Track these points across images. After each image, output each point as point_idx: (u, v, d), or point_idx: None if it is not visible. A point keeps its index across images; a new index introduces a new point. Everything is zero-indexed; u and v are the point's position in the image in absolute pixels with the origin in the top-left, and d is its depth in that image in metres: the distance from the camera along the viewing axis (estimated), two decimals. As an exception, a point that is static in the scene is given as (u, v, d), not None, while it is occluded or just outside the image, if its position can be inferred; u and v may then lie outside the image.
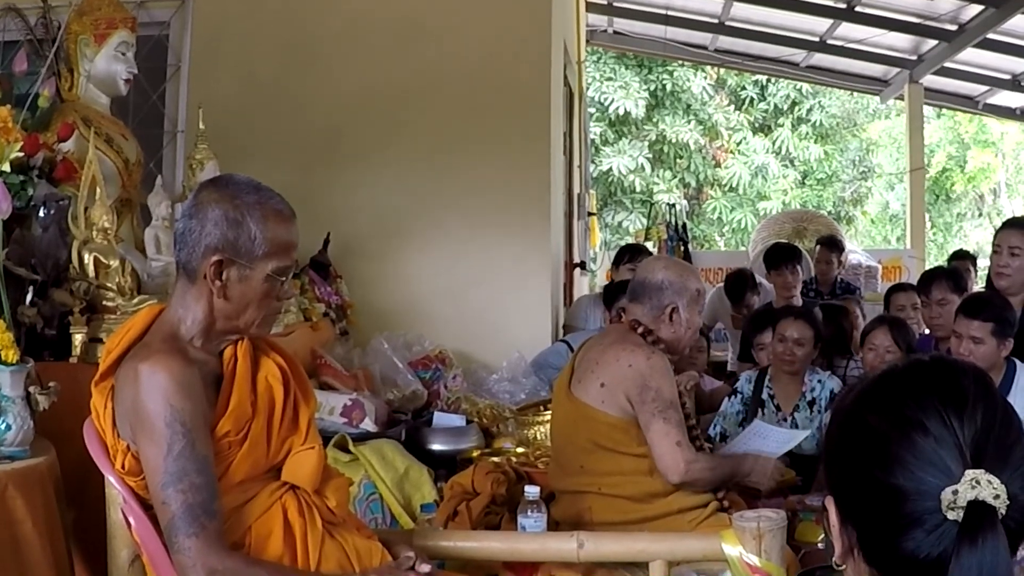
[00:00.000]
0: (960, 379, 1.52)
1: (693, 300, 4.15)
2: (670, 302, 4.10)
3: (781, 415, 5.55)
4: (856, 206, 23.97)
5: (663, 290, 4.11)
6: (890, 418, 1.50)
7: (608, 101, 21.24)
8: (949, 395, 1.49)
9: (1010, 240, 5.21)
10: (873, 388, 1.59)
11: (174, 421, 2.53)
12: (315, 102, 6.96)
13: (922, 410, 1.47)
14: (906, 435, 1.46)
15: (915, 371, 1.57)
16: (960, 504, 1.38)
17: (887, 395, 1.55)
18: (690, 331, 4.16)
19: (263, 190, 2.79)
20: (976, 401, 1.48)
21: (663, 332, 4.10)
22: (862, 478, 1.51)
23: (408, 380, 5.70)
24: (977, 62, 13.37)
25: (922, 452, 1.44)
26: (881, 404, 1.54)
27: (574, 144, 9.62)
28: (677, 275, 4.17)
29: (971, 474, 1.40)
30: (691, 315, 4.14)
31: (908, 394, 1.52)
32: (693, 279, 4.21)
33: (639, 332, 4.09)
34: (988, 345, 4.65)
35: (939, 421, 1.46)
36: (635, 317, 4.15)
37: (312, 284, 6.23)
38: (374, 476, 4.42)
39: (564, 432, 4.15)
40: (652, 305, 4.12)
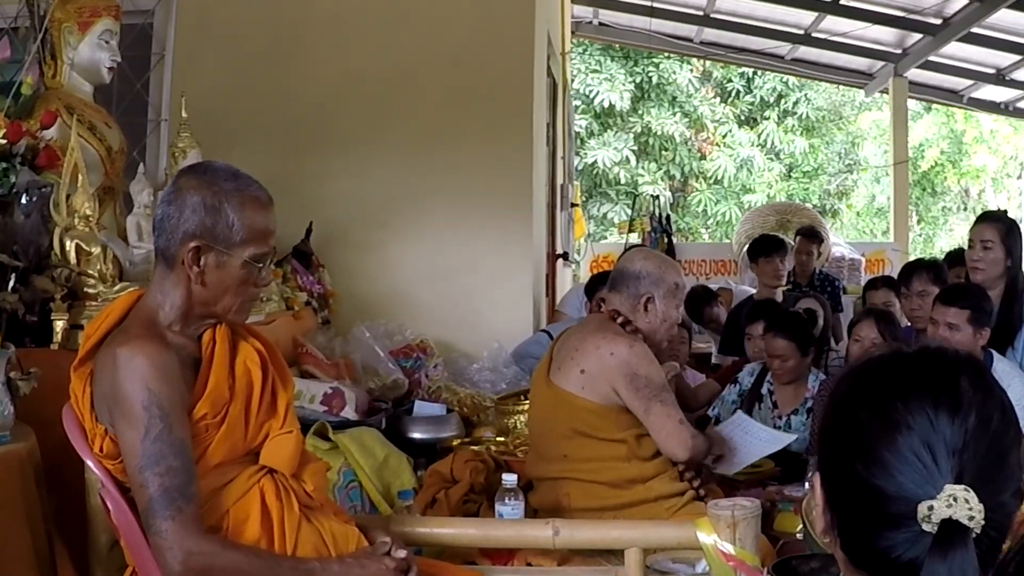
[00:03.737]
0: (957, 378, 1.49)
1: (670, 293, 4.16)
2: (646, 292, 4.12)
3: (777, 413, 5.56)
4: (842, 199, 24.03)
5: (640, 280, 4.14)
6: (878, 415, 1.48)
7: (593, 93, 21.27)
8: (942, 394, 1.46)
9: (983, 234, 5.25)
10: (868, 378, 1.56)
11: (152, 405, 2.55)
12: (299, 91, 6.98)
13: (910, 410, 1.45)
14: (891, 435, 1.44)
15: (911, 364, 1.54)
16: (934, 520, 1.37)
17: (879, 388, 1.52)
18: (666, 323, 4.18)
19: (241, 177, 2.81)
20: (971, 404, 1.45)
21: (640, 322, 4.12)
22: (845, 471, 1.49)
23: (389, 369, 5.72)
24: (961, 56, 13.43)
25: (905, 456, 1.42)
26: (871, 398, 1.51)
27: (557, 135, 9.63)
28: (655, 266, 4.20)
29: (949, 490, 1.38)
30: (667, 307, 4.16)
31: (899, 390, 1.49)
32: (672, 272, 4.23)
33: (618, 322, 4.12)
34: (964, 333, 4.69)
35: (926, 423, 1.43)
36: (614, 307, 4.18)
37: (294, 273, 6.24)
38: (353, 464, 4.44)
39: (543, 420, 4.17)
40: (629, 294, 4.15)
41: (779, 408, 5.58)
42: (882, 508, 1.43)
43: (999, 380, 4.10)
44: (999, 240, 5.19)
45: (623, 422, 3.97)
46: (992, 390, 1.50)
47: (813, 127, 23.14)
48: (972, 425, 1.43)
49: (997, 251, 5.19)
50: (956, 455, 1.41)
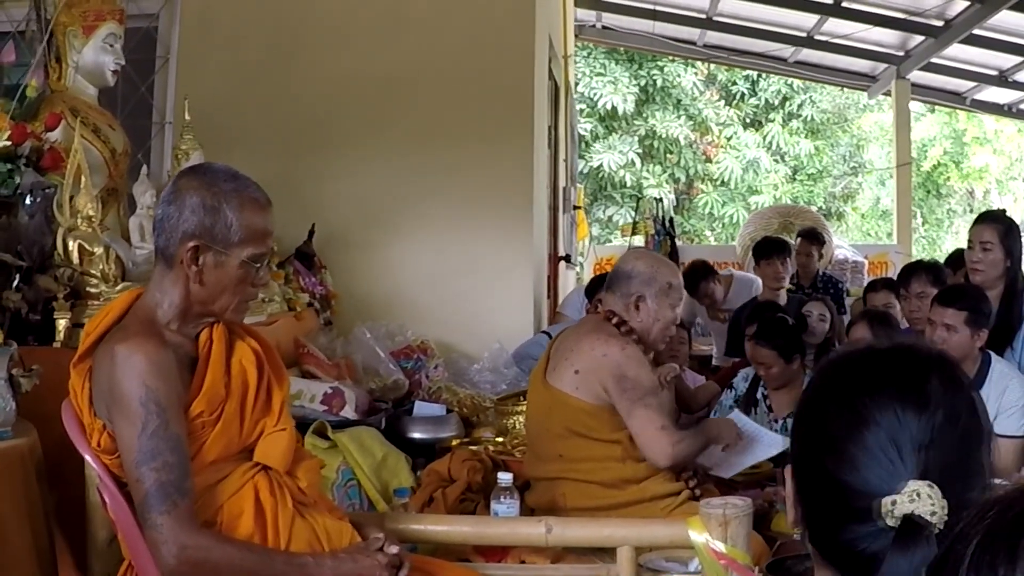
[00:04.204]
0: (927, 374, 1.50)
1: (662, 292, 4.16)
2: (636, 291, 4.14)
3: (772, 417, 5.57)
4: (847, 202, 24.02)
5: (631, 279, 4.17)
6: (845, 410, 1.49)
7: (598, 96, 21.29)
8: (910, 391, 1.48)
9: (981, 235, 5.25)
10: (838, 373, 1.58)
11: (148, 401, 2.60)
12: (301, 93, 7.03)
13: (877, 406, 1.47)
14: (858, 431, 1.46)
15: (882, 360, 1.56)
16: (896, 515, 1.39)
17: (848, 383, 1.54)
18: (659, 323, 4.18)
19: (240, 178, 2.85)
20: (938, 401, 1.47)
21: (632, 322, 4.15)
22: (814, 465, 1.52)
23: (390, 370, 5.76)
24: (964, 58, 13.44)
25: (870, 451, 1.44)
26: (840, 393, 1.53)
27: (560, 138, 9.65)
28: (647, 266, 4.22)
29: (913, 485, 1.39)
30: (660, 307, 4.16)
31: (868, 386, 1.50)
32: (665, 272, 4.24)
33: (613, 323, 4.15)
34: (961, 334, 4.70)
35: (893, 419, 1.45)
36: (609, 307, 4.21)
37: (297, 274, 6.29)
38: (352, 462, 4.49)
39: (539, 420, 4.20)
40: (622, 294, 4.17)
41: (774, 412, 5.60)
42: (847, 502, 1.45)
43: (997, 381, 4.15)
44: (998, 241, 5.19)
45: (617, 423, 3.99)
46: (962, 388, 1.52)
47: (818, 129, 23.13)
48: (939, 422, 1.45)
49: (996, 252, 5.19)
50: (921, 451, 1.43)
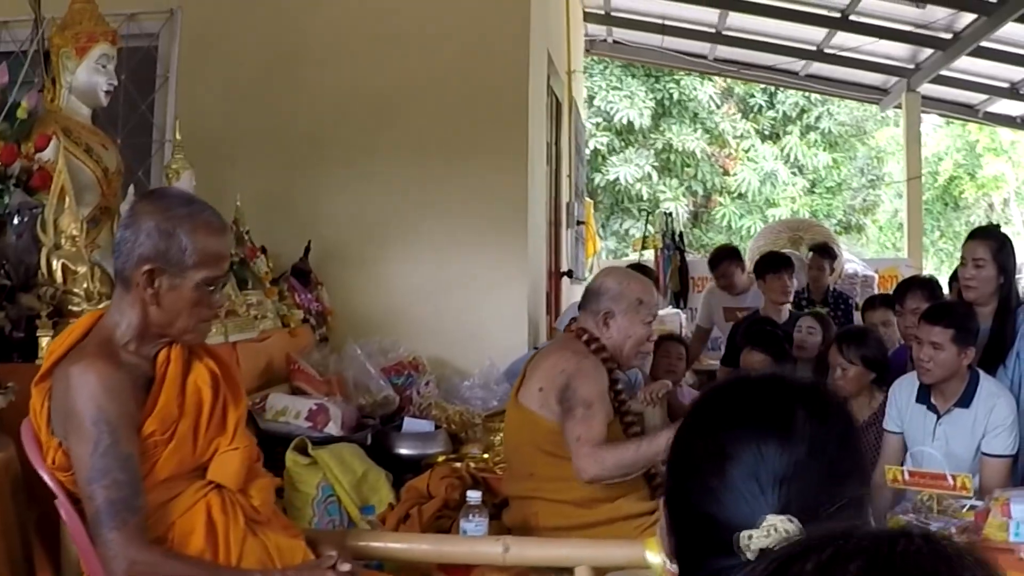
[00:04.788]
0: (793, 406, 1.51)
1: (632, 308, 4.17)
2: (606, 308, 4.16)
3: None
4: (866, 214, 23.95)
5: (601, 296, 4.19)
6: (710, 444, 1.51)
7: (614, 110, 21.30)
8: (773, 424, 1.49)
9: (975, 252, 5.22)
10: (707, 406, 1.61)
11: (100, 420, 2.66)
12: (298, 111, 7.09)
13: (739, 440, 1.48)
14: (720, 465, 1.47)
15: (749, 392, 1.58)
16: (753, 548, 1.40)
17: (714, 417, 1.56)
18: (631, 339, 4.19)
19: (195, 203, 2.91)
20: (802, 434, 1.48)
21: (603, 338, 4.16)
22: (682, 498, 1.54)
23: (380, 386, 5.79)
24: (974, 70, 13.40)
25: (732, 485, 1.46)
26: (707, 427, 1.55)
27: (563, 154, 9.65)
28: (616, 282, 4.23)
29: (771, 520, 1.41)
30: (630, 323, 4.17)
31: (732, 420, 1.52)
32: (635, 288, 4.24)
33: (583, 340, 4.17)
34: (948, 352, 4.70)
35: (753, 453, 1.46)
36: (581, 324, 4.24)
37: (292, 291, 6.33)
38: (332, 479, 4.51)
39: (512, 438, 4.24)
40: (592, 311, 4.20)
41: None
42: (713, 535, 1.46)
43: (985, 400, 4.16)
44: (991, 257, 5.17)
45: None
46: (830, 419, 1.53)
47: (836, 142, 23.08)
48: (801, 456, 1.46)
49: (989, 268, 5.17)
50: (782, 485, 1.44)
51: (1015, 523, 3.67)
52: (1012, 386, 5.04)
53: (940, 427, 4.80)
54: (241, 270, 5.72)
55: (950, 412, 4.78)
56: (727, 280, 8.33)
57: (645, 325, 4.23)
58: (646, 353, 4.44)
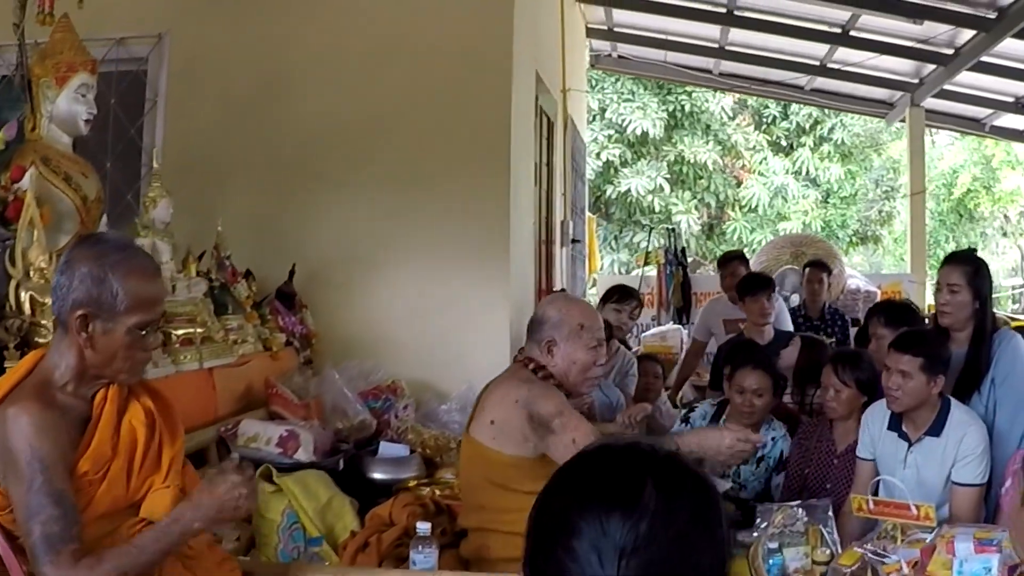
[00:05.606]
0: (642, 479, 1.53)
1: (574, 335, 4.16)
2: (547, 336, 4.16)
3: None
4: (883, 225, 23.89)
5: (542, 325, 4.19)
6: (559, 515, 1.54)
7: (626, 122, 21.34)
8: (618, 497, 1.51)
9: (949, 277, 5.20)
10: (563, 475, 1.63)
11: (33, 460, 2.73)
12: (284, 135, 7.16)
13: (583, 512, 1.51)
14: (567, 537, 1.50)
15: (599, 463, 1.61)
16: None
17: (566, 487, 1.59)
18: (575, 365, 4.17)
19: (129, 249, 2.98)
20: (646, 508, 1.50)
21: (550, 367, 4.16)
22: (536, 565, 1.57)
23: (357, 410, 5.82)
24: (979, 85, 13.37)
25: (577, 558, 1.48)
26: (558, 497, 1.58)
27: (555, 172, 9.67)
28: (557, 310, 4.23)
29: None
30: (573, 349, 4.15)
31: (579, 491, 1.55)
32: (576, 314, 4.23)
33: (530, 368, 4.18)
34: (917, 380, 4.68)
35: (596, 527, 1.49)
36: (528, 354, 4.24)
37: (275, 314, 6.38)
38: (296, 506, 4.56)
39: (464, 470, 4.25)
40: (535, 340, 4.20)
41: None
42: None
43: (955, 428, 4.15)
44: (966, 283, 5.14)
45: (539, 472, 3.93)
46: (683, 492, 1.55)
47: (850, 153, 23.04)
48: (644, 529, 1.48)
49: (964, 294, 5.14)
50: (624, 558, 1.47)
51: (959, 561, 3.66)
52: (987, 413, 5.02)
53: (911, 455, 4.79)
54: (221, 295, 5.77)
55: (921, 440, 4.76)
56: (736, 278, 8.37)
57: (590, 350, 4.20)
58: (595, 378, 4.40)
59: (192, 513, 2.87)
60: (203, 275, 5.70)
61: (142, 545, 2.82)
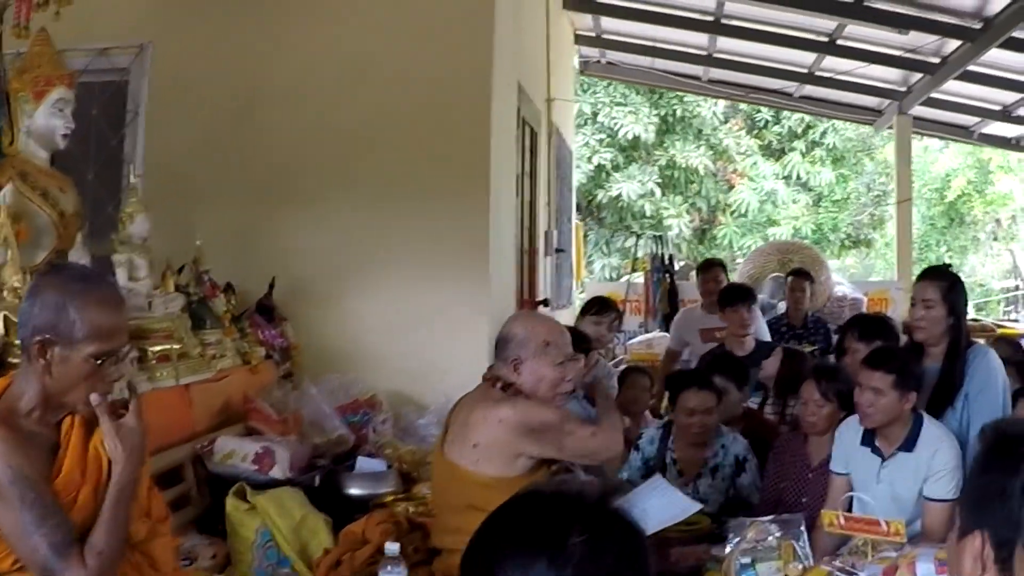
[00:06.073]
0: (568, 526, 1.55)
1: (540, 351, 4.19)
2: (513, 355, 4.20)
3: (683, 480, 5.57)
4: (875, 229, 23.90)
5: (508, 343, 4.23)
6: (487, 562, 1.56)
7: (618, 126, 21.32)
8: (543, 544, 1.53)
9: (924, 293, 5.21)
10: (490, 524, 1.65)
11: (16, 479, 2.77)
12: (265, 148, 7.15)
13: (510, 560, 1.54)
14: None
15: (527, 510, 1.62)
16: None
17: (492, 536, 1.61)
18: (544, 382, 4.20)
19: (91, 279, 3.00)
20: (573, 554, 1.52)
21: (519, 384, 4.19)
22: None
23: (334, 425, 5.82)
24: (966, 93, 13.41)
25: None
26: (484, 546, 1.60)
27: (539, 182, 9.66)
28: (521, 328, 4.27)
29: None
30: (539, 365, 4.18)
31: (505, 539, 1.57)
32: (541, 331, 4.26)
33: (498, 387, 4.21)
34: (888, 397, 4.70)
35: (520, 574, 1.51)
36: (496, 372, 4.28)
37: (254, 328, 6.38)
38: (270, 524, 4.57)
39: (440, 491, 4.27)
40: (502, 358, 4.24)
41: (685, 474, 5.63)
42: None
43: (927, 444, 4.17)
44: (940, 298, 5.15)
45: None
46: (610, 538, 1.57)
47: (842, 157, 23.05)
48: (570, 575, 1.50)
49: (938, 309, 5.15)
50: None
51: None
52: (960, 428, 5.04)
53: (884, 470, 4.81)
54: (199, 309, 5.77)
55: (894, 456, 4.79)
56: (717, 285, 8.41)
57: (556, 366, 4.22)
58: (564, 393, 4.43)
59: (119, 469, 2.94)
60: (182, 290, 5.70)
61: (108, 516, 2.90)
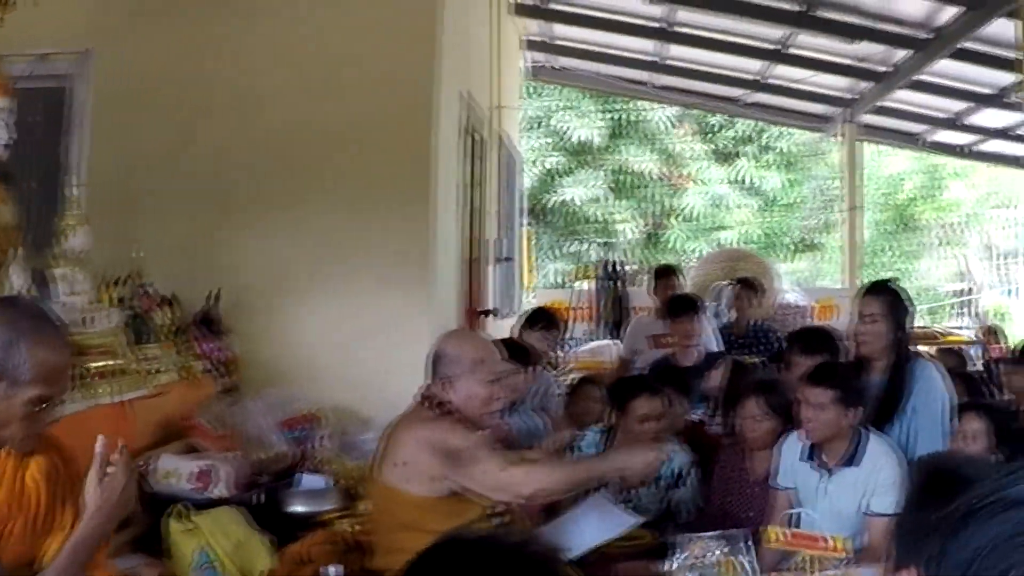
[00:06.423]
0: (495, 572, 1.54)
1: (471, 370, 4.21)
2: (445, 373, 4.21)
3: (623, 487, 5.57)
4: (825, 233, 23.99)
5: (440, 361, 4.25)
6: None
7: (568, 130, 21.29)
8: None
9: (868, 307, 5.24)
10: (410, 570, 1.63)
11: None
12: (209, 157, 7.05)
13: None
14: None
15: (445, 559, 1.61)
16: None
17: None
18: (474, 400, 4.22)
19: (42, 318, 2.93)
20: None
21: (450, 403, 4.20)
22: None
23: (274, 441, 5.76)
24: (916, 102, 13.51)
25: None
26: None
27: (485, 191, 9.60)
28: (452, 347, 4.29)
29: None
30: (471, 384, 4.20)
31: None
32: (471, 350, 4.29)
33: (429, 405, 4.21)
34: (831, 412, 4.73)
35: None
36: (429, 391, 4.28)
37: (195, 340, 6.30)
38: (210, 546, 4.52)
39: (375, 511, 4.27)
40: (436, 377, 4.25)
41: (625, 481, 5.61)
42: None
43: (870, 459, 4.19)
44: (884, 313, 5.20)
45: (451, 510, 4.00)
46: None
47: (792, 162, 23.11)
48: None
49: (882, 324, 5.19)
50: None
51: (857, 600, 3.70)
52: (904, 441, 5.07)
53: (827, 485, 4.83)
54: (139, 324, 5.69)
55: (837, 471, 4.80)
56: (675, 291, 8.50)
57: (487, 384, 4.24)
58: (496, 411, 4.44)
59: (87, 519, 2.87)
60: (121, 303, 5.61)
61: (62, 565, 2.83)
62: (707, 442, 6.25)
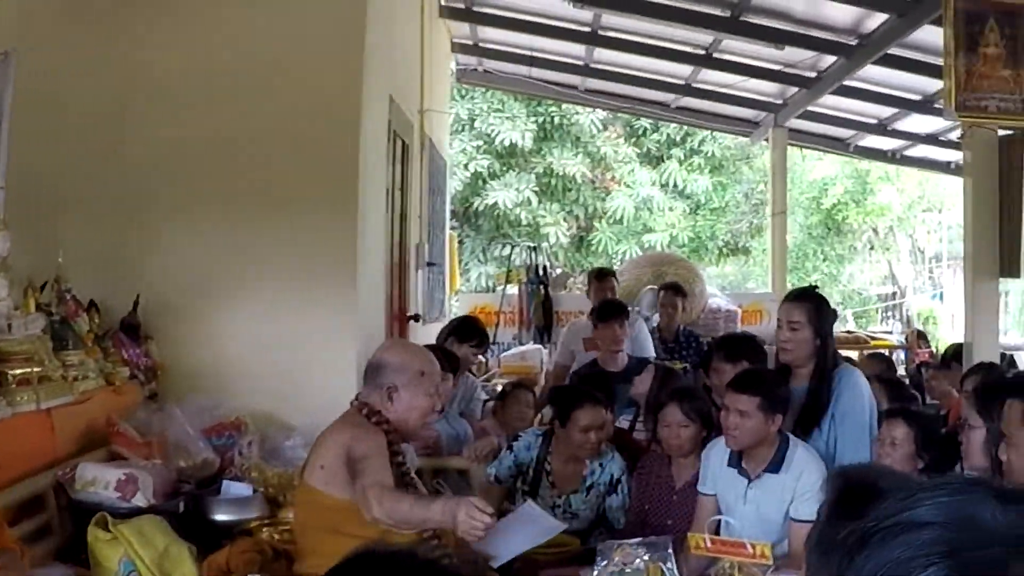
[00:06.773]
0: None
1: (414, 381, 4.23)
2: (388, 382, 4.21)
3: (556, 492, 5.61)
4: (753, 237, 24.18)
5: (382, 370, 4.25)
6: None
7: (495, 133, 21.30)
8: None
9: (790, 314, 5.28)
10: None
11: None
12: (132, 160, 6.93)
13: None
14: None
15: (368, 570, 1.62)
16: None
17: None
18: (415, 411, 4.26)
19: None
20: None
21: (388, 413, 4.20)
22: None
23: (199, 448, 5.70)
24: (843, 107, 13.66)
25: None
26: None
27: (411, 196, 9.53)
28: (397, 356, 4.30)
29: None
30: (413, 395, 4.23)
31: None
32: (416, 361, 4.31)
33: (364, 414, 4.21)
34: (754, 419, 4.76)
35: None
36: (364, 399, 4.28)
37: (118, 346, 6.23)
38: (133, 555, 4.46)
39: (299, 515, 4.28)
40: (375, 385, 4.25)
41: (558, 487, 5.64)
42: None
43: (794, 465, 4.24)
44: (806, 320, 5.23)
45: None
46: None
47: (720, 165, 23.27)
48: None
49: (805, 331, 5.22)
50: None
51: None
52: (827, 448, 5.12)
53: (751, 491, 4.86)
54: (61, 330, 5.61)
55: (760, 477, 4.84)
56: (611, 293, 8.60)
57: (429, 396, 4.29)
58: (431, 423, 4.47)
59: None
60: (43, 309, 5.53)
61: None
62: (632, 448, 6.27)
